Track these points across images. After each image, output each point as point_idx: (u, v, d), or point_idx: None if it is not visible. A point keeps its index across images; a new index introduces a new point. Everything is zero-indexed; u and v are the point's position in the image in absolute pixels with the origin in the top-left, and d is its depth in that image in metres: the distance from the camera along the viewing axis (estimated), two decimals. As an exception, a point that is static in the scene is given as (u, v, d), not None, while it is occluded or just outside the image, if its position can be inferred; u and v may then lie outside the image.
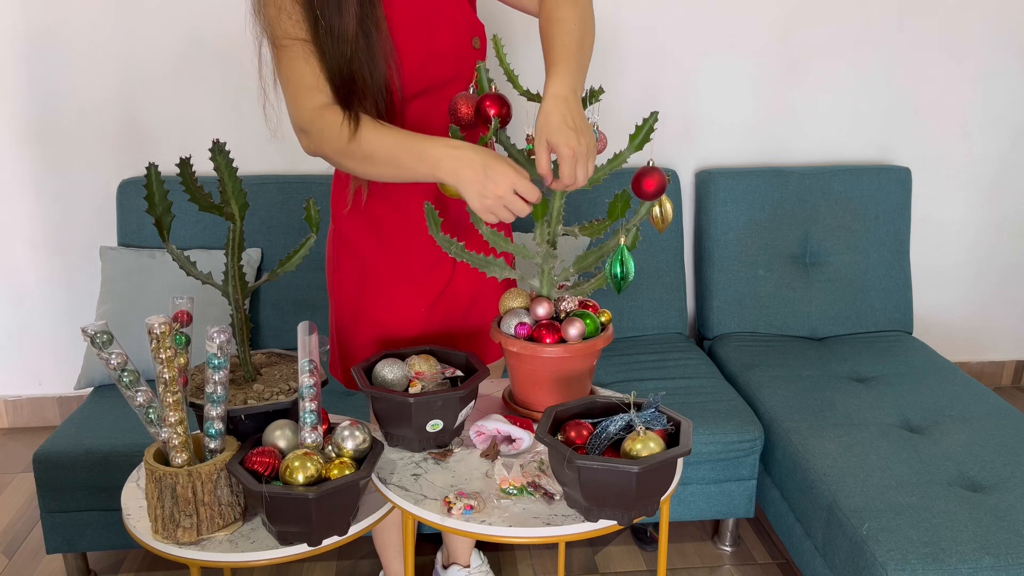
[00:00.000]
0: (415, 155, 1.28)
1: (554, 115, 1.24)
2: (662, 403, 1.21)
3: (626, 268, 1.30)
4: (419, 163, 1.28)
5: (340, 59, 1.32)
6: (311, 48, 1.32)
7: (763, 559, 2.24)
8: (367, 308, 1.54)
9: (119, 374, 1.17)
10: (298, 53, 1.33)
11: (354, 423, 1.20)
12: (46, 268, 2.66)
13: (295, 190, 2.45)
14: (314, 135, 1.34)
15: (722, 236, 2.59)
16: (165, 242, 1.27)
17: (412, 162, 1.29)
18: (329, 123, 1.32)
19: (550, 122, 1.24)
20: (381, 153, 1.30)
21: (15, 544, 2.28)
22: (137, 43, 2.47)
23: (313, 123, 1.33)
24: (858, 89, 2.70)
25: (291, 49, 1.33)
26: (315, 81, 1.33)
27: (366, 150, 1.31)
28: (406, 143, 1.29)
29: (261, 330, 2.44)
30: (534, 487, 1.21)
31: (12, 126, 2.52)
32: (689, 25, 2.59)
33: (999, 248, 2.93)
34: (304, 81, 1.33)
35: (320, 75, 1.33)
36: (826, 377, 2.30)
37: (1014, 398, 3.03)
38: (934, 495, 1.77)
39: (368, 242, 1.51)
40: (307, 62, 1.33)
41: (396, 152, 1.29)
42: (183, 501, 1.15)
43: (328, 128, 1.32)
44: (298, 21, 1.32)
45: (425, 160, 1.28)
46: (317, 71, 1.33)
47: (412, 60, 1.38)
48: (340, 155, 1.34)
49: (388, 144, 1.30)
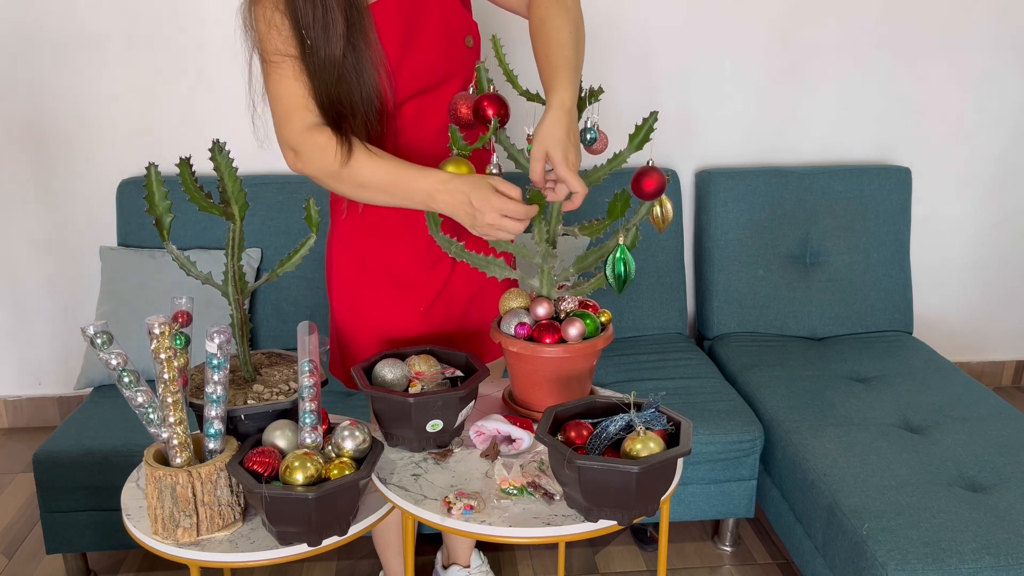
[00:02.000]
0: (407, 190, 1.31)
1: (559, 128, 1.25)
2: (662, 403, 1.21)
3: (628, 268, 1.30)
4: (411, 199, 1.32)
5: (328, 79, 1.32)
6: (301, 65, 1.32)
7: (763, 559, 2.24)
8: (366, 309, 1.54)
9: (119, 374, 1.17)
10: (287, 72, 1.33)
11: (354, 423, 1.20)
12: (46, 268, 2.66)
13: (295, 190, 2.45)
14: (304, 156, 1.34)
15: (722, 236, 2.59)
16: (165, 242, 1.27)
17: (404, 196, 1.32)
18: (322, 147, 1.32)
19: (555, 133, 1.25)
20: (374, 183, 1.32)
21: (15, 544, 2.28)
22: (137, 43, 2.47)
23: (304, 144, 1.34)
24: (858, 89, 2.70)
25: (281, 66, 1.32)
26: (305, 101, 1.34)
27: (358, 179, 1.33)
28: (399, 177, 1.31)
29: (261, 330, 2.44)
30: (534, 487, 1.21)
31: (12, 126, 2.52)
32: (689, 25, 2.59)
33: (999, 248, 2.93)
34: (295, 100, 1.34)
35: (309, 94, 1.34)
36: (826, 377, 2.30)
37: (1014, 398, 3.03)
38: (934, 495, 1.77)
39: (367, 243, 1.51)
40: (297, 80, 1.33)
41: (389, 185, 1.32)
42: (183, 501, 1.15)
43: (320, 152, 1.32)
44: (288, 38, 1.31)
45: (416, 196, 1.31)
46: (307, 90, 1.33)
47: (403, 64, 1.38)
48: (331, 179, 1.35)
49: (381, 175, 1.32)
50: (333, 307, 1.59)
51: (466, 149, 1.32)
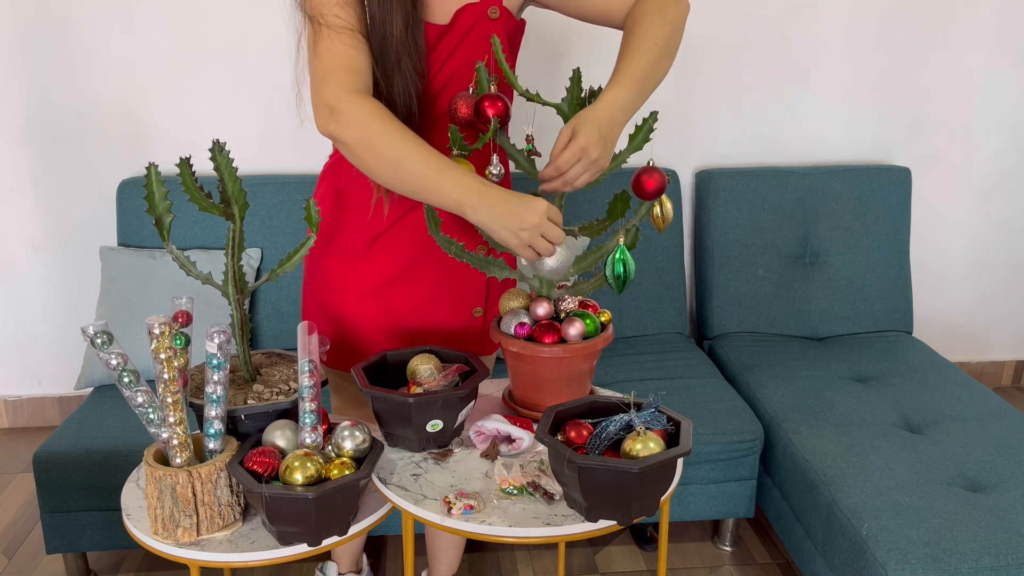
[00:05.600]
0: (444, 181, 1.24)
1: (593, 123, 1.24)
2: (662, 403, 1.21)
3: (628, 268, 1.30)
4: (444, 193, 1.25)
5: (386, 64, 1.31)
6: (360, 39, 1.30)
7: (763, 559, 2.24)
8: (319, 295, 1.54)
9: (119, 374, 1.17)
10: (347, 39, 1.29)
11: (354, 423, 1.20)
12: (46, 268, 2.66)
13: (295, 190, 2.45)
14: (344, 117, 1.27)
15: (722, 236, 2.59)
16: (165, 242, 1.27)
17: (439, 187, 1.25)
18: (368, 111, 1.26)
19: (588, 120, 1.24)
20: (409, 166, 1.25)
21: (15, 544, 2.28)
22: (137, 43, 2.47)
23: (347, 105, 1.27)
24: (858, 89, 2.70)
25: (341, 34, 1.29)
26: (356, 66, 1.29)
27: (393, 156, 1.26)
28: (441, 168, 1.25)
29: (261, 330, 2.44)
30: (534, 487, 1.21)
31: (12, 126, 2.52)
32: (689, 25, 2.58)
33: (999, 248, 2.93)
34: (345, 63, 1.29)
35: (367, 67, 1.30)
36: (826, 377, 2.30)
37: (1014, 398, 3.03)
38: (934, 495, 1.77)
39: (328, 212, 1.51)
40: (356, 48, 1.30)
41: (426, 171, 1.25)
42: (183, 501, 1.15)
43: (366, 115, 1.26)
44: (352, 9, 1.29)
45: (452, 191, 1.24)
46: (365, 62, 1.30)
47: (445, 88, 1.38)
48: (364, 148, 1.27)
49: (421, 159, 1.25)
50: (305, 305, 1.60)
51: (466, 149, 1.32)
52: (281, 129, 2.55)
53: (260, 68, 2.50)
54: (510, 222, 1.23)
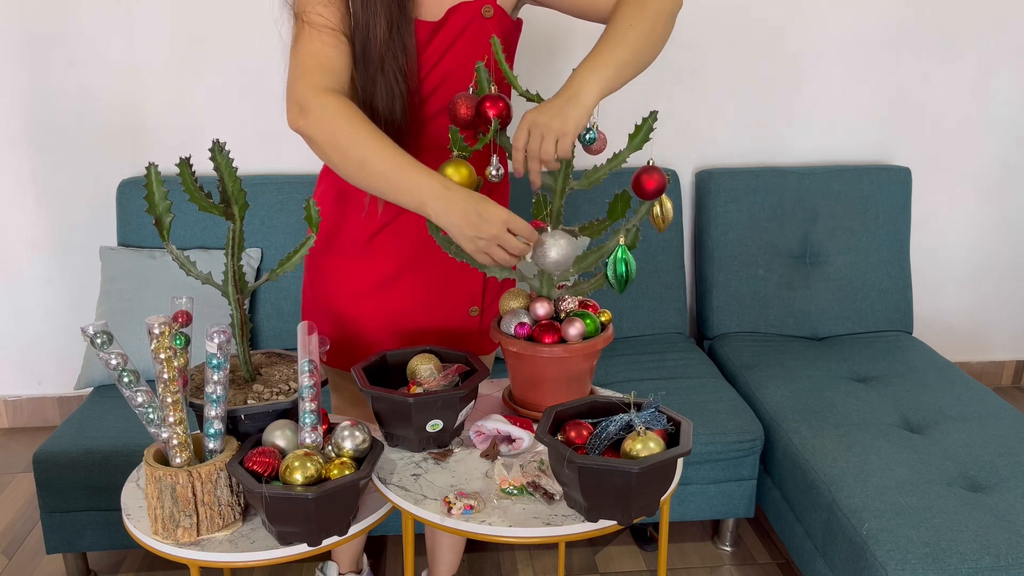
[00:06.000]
0: (408, 182, 1.25)
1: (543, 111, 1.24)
2: (662, 403, 1.21)
3: (628, 268, 1.30)
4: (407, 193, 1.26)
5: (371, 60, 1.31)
6: (341, 39, 1.30)
7: (763, 559, 2.24)
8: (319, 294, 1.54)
9: (119, 374, 1.17)
10: (326, 38, 1.30)
11: (354, 423, 1.20)
12: (46, 268, 2.66)
13: (295, 190, 2.45)
14: (312, 116, 1.28)
15: (722, 236, 2.59)
16: (165, 242, 1.27)
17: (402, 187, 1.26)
18: (335, 110, 1.27)
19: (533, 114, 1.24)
20: (375, 166, 1.26)
21: (15, 544, 2.28)
22: (137, 43, 2.47)
23: (315, 103, 1.28)
24: (858, 89, 2.70)
25: (321, 32, 1.30)
26: (331, 66, 1.30)
27: (360, 155, 1.27)
28: (404, 167, 1.26)
29: (261, 330, 2.44)
30: (534, 487, 1.21)
31: (12, 126, 2.52)
32: (688, 24, 2.58)
33: (999, 248, 2.93)
34: (320, 61, 1.30)
35: (344, 67, 1.31)
36: (826, 377, 2.30)
37: (1014, 398, 3.03)
38: (934, 495, 1.77)
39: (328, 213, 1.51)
40: (335, 48, 1.30)
41: (390, 171, 1.26)
42: (183, 501, 1.15)
43: (332, 115, 1.27)
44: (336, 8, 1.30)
45: (414, 192, 1.25)
46: (342, 62, 1.31)
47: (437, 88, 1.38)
48: (332, 148, 1.28)
49: (386, 159, 1.26)
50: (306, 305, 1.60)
51: (466, 150, 1.32)
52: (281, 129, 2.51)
53: (260, 68, 2.49)
54: (467, 229, 1.24)
